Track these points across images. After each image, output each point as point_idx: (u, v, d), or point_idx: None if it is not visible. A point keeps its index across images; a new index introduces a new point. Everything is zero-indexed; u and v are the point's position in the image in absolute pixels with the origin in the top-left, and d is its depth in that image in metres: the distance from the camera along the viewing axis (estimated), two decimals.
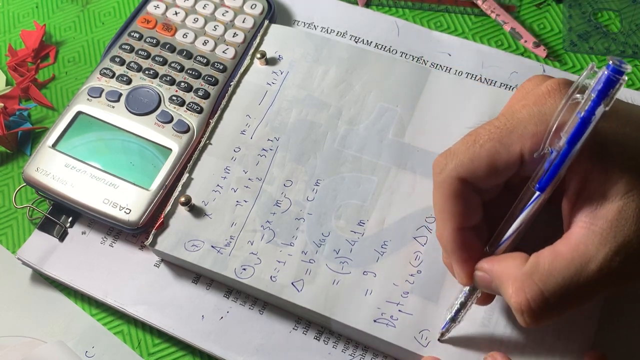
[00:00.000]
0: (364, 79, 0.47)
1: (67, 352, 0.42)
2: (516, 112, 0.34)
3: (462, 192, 0.34)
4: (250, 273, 0.41)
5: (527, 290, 0.32)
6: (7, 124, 0.50)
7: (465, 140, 0.35)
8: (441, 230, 0.36)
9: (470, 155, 0.34)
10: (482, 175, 0.34)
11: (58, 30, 0.56)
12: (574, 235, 0.32)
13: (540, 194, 0.33)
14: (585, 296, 0.32)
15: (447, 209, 0.35)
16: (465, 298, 0.37)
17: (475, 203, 0.35)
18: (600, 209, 0.32)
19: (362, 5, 0.53)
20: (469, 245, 0.35)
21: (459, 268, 0.36)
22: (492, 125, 0.34)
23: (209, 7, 0.51)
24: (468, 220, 0.35)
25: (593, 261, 0.31)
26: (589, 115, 0.31)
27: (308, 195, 0.43)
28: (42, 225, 0.46)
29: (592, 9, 0.52)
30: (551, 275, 0.32)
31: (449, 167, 0.34)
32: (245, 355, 0.41)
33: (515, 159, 0.33)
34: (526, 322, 0.33)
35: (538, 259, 0.32)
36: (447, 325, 0.38)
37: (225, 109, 0.46)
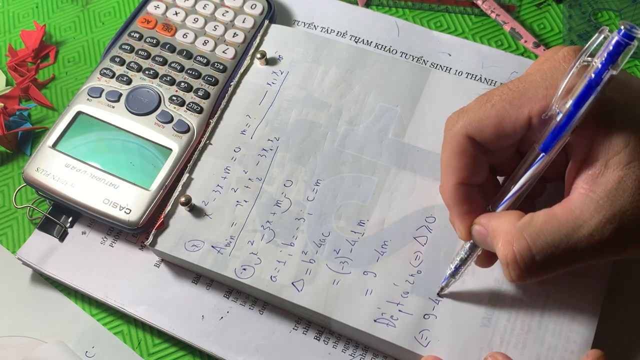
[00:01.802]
0: (364, 79, 0.47)
1: (67, 352, 0.42)
2: (530, 76, 0.34)
3: (468, 149, 0.35)
4: (251, 273, 0.41)
5: (515, 244, 0.33)
6: (7, 124, 0.50)
7: (479, 99, 0.36)
8: (444, 184, 0.37)
9: (480, 114, 0.35)
10: (490, 134, 0.35)
11: (58, 30, 0.56)
12: (571, 200, 0.33)
13: (544, 155, 0.33)
14: (572, 260, 0.33)
15: (452, 164, 0.36)
16: (465, 254, 0.37)
17: (481, 162, 0.36)
18: (601, 177, 0.32)
19: (362, 5, 0.53)
20: (469, 201, 0.36)
21: (457, 221, 0.37)
22: (505, 87, 0.35)
23: (209, 7, 0.51)
24: (471, 177, 0.36)
25: (585, 226, 0.32)
26: (596, 78, 0.31)
27: (308, 195, 0.43)
28: (42, 225, 0.46)
29: (592, 9, 0.52)
30: (541, 233, 0.32)
31: (459, 124, 0.35)
32: (245, 355, 0.41)
33: (523, 121, 0.34)
34: (511, 276, 0.33)
35: (532, 217, 0.33)
36: (446, 280, 0.39)
37: (225, 109, 0.46)
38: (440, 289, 0.39)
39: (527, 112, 0.34)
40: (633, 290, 0.42)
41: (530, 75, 0.34)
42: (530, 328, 0.38)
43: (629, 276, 0.42)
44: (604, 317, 0.38)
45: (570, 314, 0.38)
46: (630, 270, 0.42)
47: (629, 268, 0.42)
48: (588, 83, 0.31)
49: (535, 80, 0.34)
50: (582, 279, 0.39)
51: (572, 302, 0.39)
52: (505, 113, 0.34)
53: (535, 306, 0.39)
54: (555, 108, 0.33)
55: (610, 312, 0.39)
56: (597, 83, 0.31)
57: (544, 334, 0.38)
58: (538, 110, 0.33)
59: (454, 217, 0.37)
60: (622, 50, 0.30)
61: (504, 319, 0.39)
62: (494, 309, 0.39)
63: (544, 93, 0.33)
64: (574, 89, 0.32)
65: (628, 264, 0.42)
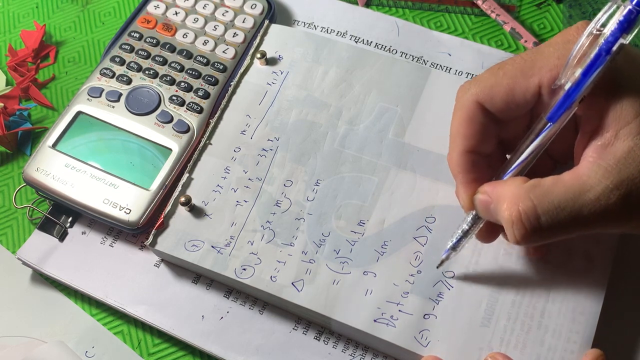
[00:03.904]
0: (364, 79, 0.47)
1: (67, 352, 0.42)
2: (543, 47, 0.35)
3: (477, 116, 0.35)
4: (250, 273, 0.41)
5: (521, 204, 0.33)
6: (7, 124, 0.50)
7: (492, 68, 0.36)
8: (451, 151, 0.37)
9: (492, 82, 0.35)
10: (501, 103, 0.35)
11: (58, 30, 0.56)
12: (580, 167, 0.33)
13: (551, 124, 0.33)
14: (577, 224, 0.33)
15: (460, 131, 0.36)
16: (467, 226, 0.37)
17: (490, 131, 0.36)
18: (610, 147, 0.32)
19: (362, 5, 0.53)
20: (476, 169, 0.36)
21: (461, 189, 0.37)
22: (518, 57, 0.35)
23: (209, 7, 0.51)
24: (478, 145, 0.36)
25: (592, 191, 0.32)
26: (606, 47, 0.31)
27: (308, 195, 0.43)
28: (42, 225, 0.46)
29: (592, 9, 0.52)
30: (548, 195, 0.32)
31: (470, 91, 0.36)
32: (245, 355, 0.41)
33: (534, 90, 0.34)
34: (515, 237, 0.33)
35: (539, 181, 0.33)
36: (447, 253, 0.38)
37: (225, 109, 0.46)
38: (441, 262, 0.39)
39: (537, 81, 0.34)
40: (633, 290, 0.42)
41: (543, 47, 0.35)
42: (530, 328, 0.38)
43: (629, 276, 0.42)
44: (604, 317, 0.38)
45: (570, 314, 0.38)
46: (631, 270, 0.42)
47: (629, 268, 0.42)
48: (598, 51, 0.31)
49: (548, 50, 0.34)
50: (582, 279, 0.39)
51: (572, 302, 0.39)
52: (516, 81, 0.34)
53: (535, 306, 0.39)
54: (563, 78, 0.33)
55: (610, 312, 0.39)
56: (607, 52, 0.31)
57: (544, 334, 0.38)
58: (548, 79, 0.34)
59: (458, 185, 0.37)
60: (633, 19, 0.30)
61: (504, 319, 0.39)
62: (494, 309, 0.39)
63: (555, 62, 0.33)
64: (584, 58, 0.32)
65: (628, 264, 0.42)
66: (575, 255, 0.40)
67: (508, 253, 0.40)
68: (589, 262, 0.40)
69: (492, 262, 0.40)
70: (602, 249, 0.40)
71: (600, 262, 0.40)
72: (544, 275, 0.39)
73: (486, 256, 0.40)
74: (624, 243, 0.41)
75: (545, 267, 0.40)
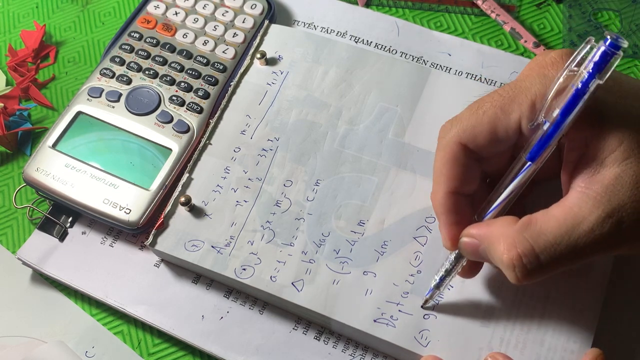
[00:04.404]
0: (364, 79, 0.47)
1: (67, 352, 0.42)
2: (519, 82, 0.35)
3: (461, 157, 0.36)
4: (250, 273, 0.41)
5: (519, 246, 0.33)
6: (7, 124, 0.50)
7: (470, 107, 0.36)
8: (435, 192, 0.37)
9: (473, 122, 0.35)
10: (483, 141, 0.35)
11: (58, 30, 0.56)
12: (568, 199, 0.33)
13: (531, 163, 0.34)
14: (575, 256, 0.33)
15: (444, 172, 0.36)
16: (450, 265, 0.37)
17: (473, 171, 0.36)
18: (597, 175, 0.32)
19: (362, 5, 0.53)
20: (458, 211, 0.36)
21: (444, 231, 0.37)
22: (496, 94, 0.35)
23: (209, 7, 0.51)
24: (462, 186, 0.36)
25: (585, 222, 0.32)
26: (583, 88, 0.31)
27: (308, 195, 0.43)
28: (42, 225, 0.46)
29: (592, 9, 0.52)
30: (542, 233, 0.32)
31: (452, 132, 0.36)
32: (245, 355, 0.41)
33: (515, 126, 0.34)
34: (517, 277, 0.33)
35: (530, 219, 0.33)
36: (430, 292, 0.38)
37: (225, 109, 0.46)
38: (425, 301, 0.39)
39: (517, 118, 0.34)
40: (633, 290, 0.42)
41: (519, 82, 0.35)
42: (530, 328, 0.38)
43: (629, 276, 0.42)
44: (604, 317, 0.38)
45: (570, 314, 0.38)
46: (631, 270, 0.42)
47: (629, 268, 0.42)
48: (575, 92, 0.31)
49: (525, 86, 0.34)
50: (582, 279, 0.39)
51: (572, 302, 0.39)
52: (497, 119, 0.34)
53: (535, 306, 0.39)
54: (542, 117, 0.33)
55: (610, 312, 0.39)
56: (584, 92, 0.31)
57: (544, 334, 0.38)
58: (527, 117, 0.34)
59: (441, 226, 0.37)
60: (608, 60, 0.31)
61: (504, 319, 0.39)
62: (494, 309, 0.39)
63: (533, 99, 0.34)
64: (561, 98, 0.32)
65: (628, 264, 0.42)
66: None
67: None
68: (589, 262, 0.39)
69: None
70: None
71: (600, 262, 0.40)
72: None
73: None
74: None
75: None
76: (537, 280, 0.34)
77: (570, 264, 0.33)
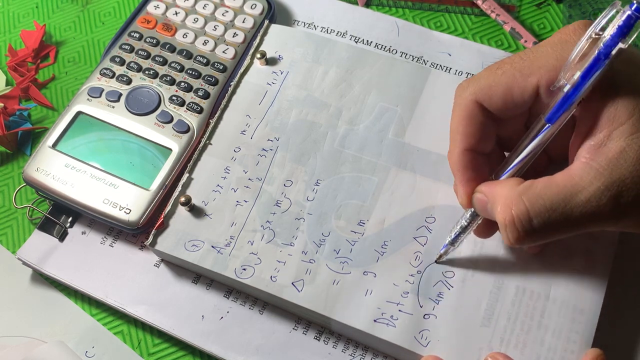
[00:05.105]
0: (364, 79, 0.47)
1: (67, 352, 0.42)
2: (541, 47, 0.35)
3: (476, 115, 0.36)
4: (251, 273, 0.41)
5: (514, 207, 0.33)
6: (7, 124, 0.50)
7: (490, 67, 0.36)
8: (451, 150, 0.37)
9: (490, 81, 0.35)
10: (499, 102, 0.35)
11: (58, 30, 0.56)
12: (572, 168, 0.33)
13: (550, 125, 0.34)
14: (568, 225, 0.33)
15: (460, 130, 0.36)
16: (466, 222, 0.38)
17: (489, 130, 0.36)
18: (603, 147, 0.32)
19: (362, 5, 0.53)
20: (474, 168, 0.37)
21: (461, 188, 0.37)
22: (517, 56, 0.35)
23: (209, 7, 0.51)
24: (478, 144, 0.36)
25: (583, 192, 0.32)
26: (605, 51, 0.31)
27: (308, 195, 0.43)
28: (42, 225, 0.46)
29: (592, 9, 0.52)
30: (540, 197, 0.33)
31: (468, 90, 0.36)
32: (245, 355, 0.41)
33: (531, 90, 0.34)
34: (509, 239, 0.34)
35: (532, 183, 0.33)
36: (445, 248, 0.39)
37: (225, 109, 0.46)
38: (439, 256, 0.40)
39: (535, 81, 0.34)
40: (633, 290, 0.42)
41: (541, 46, 0.35)
42: (530, 328, 0.38)
43: (629, 276, 0.42)
44: (604, 317, 0.38)
45: (570, 314, 0.38)
46: (631, 270, 0.42)
47: (629, 268, 0.42)
48: (597, 55, 0.31)
49: (546, 50, 0.34)
50: (582, 279, 0.39)
51: (572, 302, 0.39)
52: (514, 81, 0.35)
53: (535, 306, 0.39)
54: (562, 79, 0.33)
55: (611, 312, 0.39)
56: (606, 55, 0.31)
57: (544, 334, 0.38)
58: (546, 80, 0.34)
59: (457, 183, 0.37)
60: (632, 24, 0.31)
61: (504, 319, 0.39)
62: (494, 309, 0.39)
63: (554, 63, 0.34)
64: (583, 61, 0.32)
65: (628, 264, 0.42)
66: (575, 255, 0.40)
67: (507, 253, 0.40)
68: (589, 262, 0.40)
69: (492, 262, 0.40)
70: (602, 247, 0.40)
71: (600, 261, 0.40)
72: (544, 274, 0.39)
73: (486, 256, 0.40)
74: (625, 242, 0.41)
75: (545, 267, 0.40)
76: (529, 244, 0.34)
77: (563, 232, 0.33)
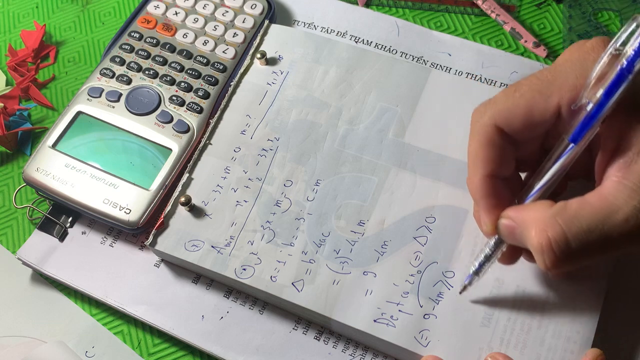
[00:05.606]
0: (364, 79, 0.47)
1: (67, 352, 0.42)
2: (559, 66, 0.34)
3: (497, 140, 0.35)
4: (251, 273, 0.41)
5: (550, 230, 0.32)
6: (7, 124, 0.50)
7: (507, 90, 0.35)
8: (471, 176, 0.36)
9: (509, 104, 0.34)
10: (519, 125, 0.34)
11: (58, 30, 0.56)
12: (604, 187, 0.32)
13: (574, 145, 0.33)
14: (607, 246, 0.32)
15: (480, 156, 0.35)
16: (490, 250, 0.37)
17: (509, 154, 0.36)
18: (634, 165, 0.32)
19: (362, 5, 0.53)
20: (497, 194, 0.36)
21: (485, 215, 0.36)
22: (534, 77, 0.35)
23: (209, 7, 0.51)
24: (499, 169, 0.35)
25: (619, 212, 0.31)
26: (628, 66, 0.31)
27: (308, 195, 0.43)
28: (42, 225, 0.46)
29: (592, 9, 0.52)
30: (575, 219, 0.32)
31: (487, 114, 0.35)
32: (245, 355, 0.41)
33: (553, 110, 0.34)
34: (546, 264, 0.33)
35: (565, 204, 0.33)
36: (469, 278, 0.38)
37: (225, 109, 0.46)
38: (464, 288, 0.38)
39: (556, 101, 0.33)
40: (633, 290, 0.42)
41: (559, 65, 0.34)
42: (530, 328, 0.38)
43: (629, 276, 0.42)
44: (604, 317, 0.38)
45: (570, 314, 0.38)
46: (631, 270, 0.42)
47: (629, 268, 0.42)
48: (620, 71, 0.31)
49: (565, 69, 0.34)
50: (582, 279, 0.39)
51: (572, 302, 0.39)
52: (534, 102, 0.34)
53: (535, 306, 0.39)
54: (585, 98, 0.32)
55: (610, 312, 0.39)
56: (629, 71, 0.31)
57: (544, 334, 0.38)
58: (568, 99, 0.33)
59: (481, 211, 0.36)
60: None
61: (504, 319, 0.39)
62: (494, 309, 0.39)
63: (574, 82, 0.33)
64: (605, 78, 0.32)
65: (628, 264, 0.42)
66: None
67: None
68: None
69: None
70: None
71: (600, 261, 0.40)
72: (544, 274, 0.39)
73: None
74: None
75: None
76: (565, 269, 0.33)
77: (601, 254, 0.33)
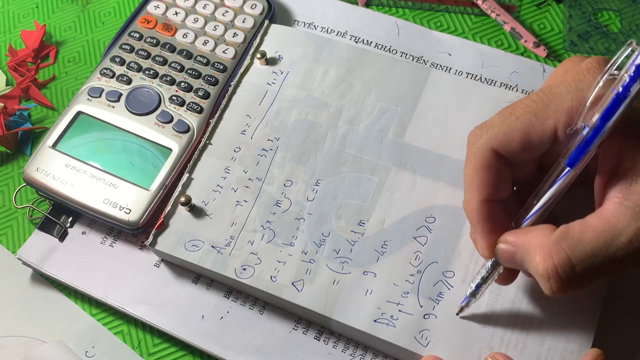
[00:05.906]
0: (364, 79, 0.47)
1: (67, 352, 0.42)
2: (554, 88, 0.34)
3: (493, 164, 0.35)
4: (251, 273, 0.41)
5: (555, 256, 0.32)
6: (7, 124, 0.50)
7: (502, 112, 0.35)
8: (468, 200, 0.36)
9: (505, 128, 0.34)
10: (516, 148, 0.34)
11: (58, 30, 0.56)
12: (605, 210, 0.32)
13: (570, 169, 0.33)
14: (612, 269, 0.32)
15: (477, 180, 0.35)
16: (487, 273, 0.37)
17: (506, 177, 0.35)
18: (634, 186, 0.32)
19: (362, 5, 0.53)
20: (494, 218, 0.35)
21: (481, 239, 0.36)
22: (529, 99, 0.34)
23: (209, 7, 0.51)
24: (496, 193, 0.35)
25: (623, 234, 0.31)
26: (624, 92, 0.31)
27: (308, 195, 0.43)
28: (42, 225, 0.46)
29: (592, 9, 0.52)
30: (579, 244, 0.32)
31: (483, 138, 0.35)
32: (245, 355, 0.41)
33: (550, 133, 0.33)
34: (552, 289, 0.32)
35: (567, 228, 0.32)
36: (466, 300, 0.38)
37: (225, 109, 0.46)
38: (460, 309, 0.38)
39: (553, 125, 0.33)
40: (633, 291, 0.42)
41: (553, 87, 0.34)
42: (530, 328, 0.38)
43: (629, 276, 0.42)
44: (604, 317, 0.38)
45: (570, 314, 0.38)
46: None
47: None
48: (616, 96, 0.31)
49: (560, 92, 0.33)
50: None
51: (573, 302, 0.39)
52: (530, 126, 0.34)
53: (535, 306, 0.39)
54: (580, 122, 0.32)
55: (611, 312, 0.39)
56: (625, 96, 0.31)
57: (544, 334, 0.38)
58: (564, 122, 0.33)
59: (477, 235, 0.36)
60: None
61: (504, 319, 0.39)
62: (494, 309, 0.39)
63: (570, 105, 0.33)
64: (601, 102, 0.31)
65: None
66: None
67: None
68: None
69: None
70: None
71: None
72: None
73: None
74: None
75: None
76: (571, 293, 0.33)
77: (606, 276, 0.33)
